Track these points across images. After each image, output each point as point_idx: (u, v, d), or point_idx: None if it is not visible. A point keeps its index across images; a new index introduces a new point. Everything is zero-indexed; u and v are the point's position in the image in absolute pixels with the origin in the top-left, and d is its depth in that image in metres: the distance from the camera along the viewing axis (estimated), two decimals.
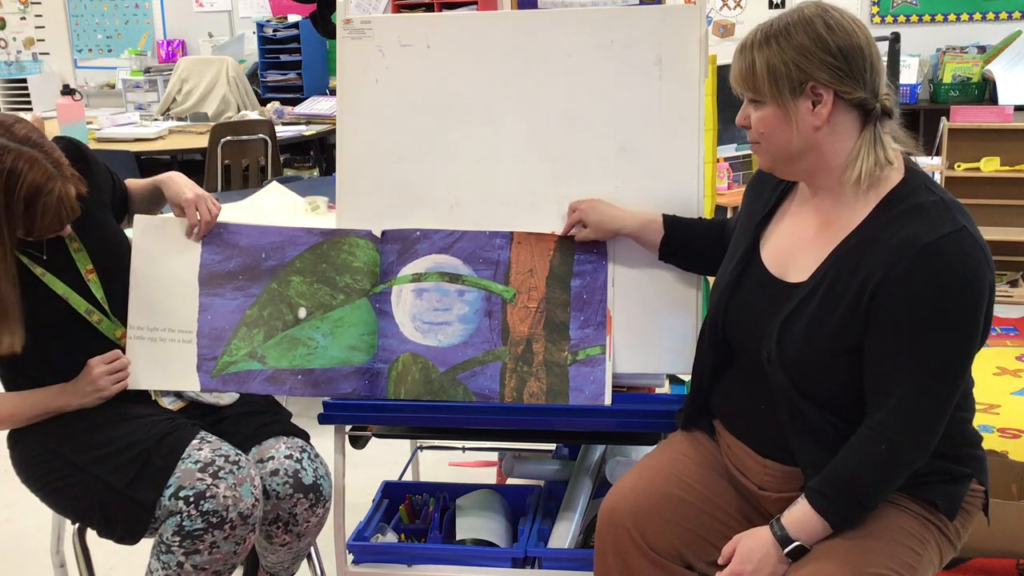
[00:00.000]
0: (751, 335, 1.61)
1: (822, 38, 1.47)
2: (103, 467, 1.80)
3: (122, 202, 2.11)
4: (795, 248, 1.61)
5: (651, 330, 1.99)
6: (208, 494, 1.73)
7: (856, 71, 1.48)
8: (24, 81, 8.78)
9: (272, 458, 1.91)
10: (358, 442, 2.14)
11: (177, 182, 2.05)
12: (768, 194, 1.71)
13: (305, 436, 2.03)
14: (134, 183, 2.15)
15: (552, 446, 2.51)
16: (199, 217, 1.99)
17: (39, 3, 9.14)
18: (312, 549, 2.13)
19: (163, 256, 2.00)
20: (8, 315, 1.77)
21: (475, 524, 2.16)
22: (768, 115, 1.53)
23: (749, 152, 4.09)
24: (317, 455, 2.00)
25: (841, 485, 1.50)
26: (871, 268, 1.46)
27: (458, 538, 2.14)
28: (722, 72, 2.30)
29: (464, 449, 2.61)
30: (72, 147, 1.93)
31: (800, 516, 1.52)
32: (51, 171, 1.74)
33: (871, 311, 1.46)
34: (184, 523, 1.73)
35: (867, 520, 1.52)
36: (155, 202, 2.12)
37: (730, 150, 4.04)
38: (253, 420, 2.00)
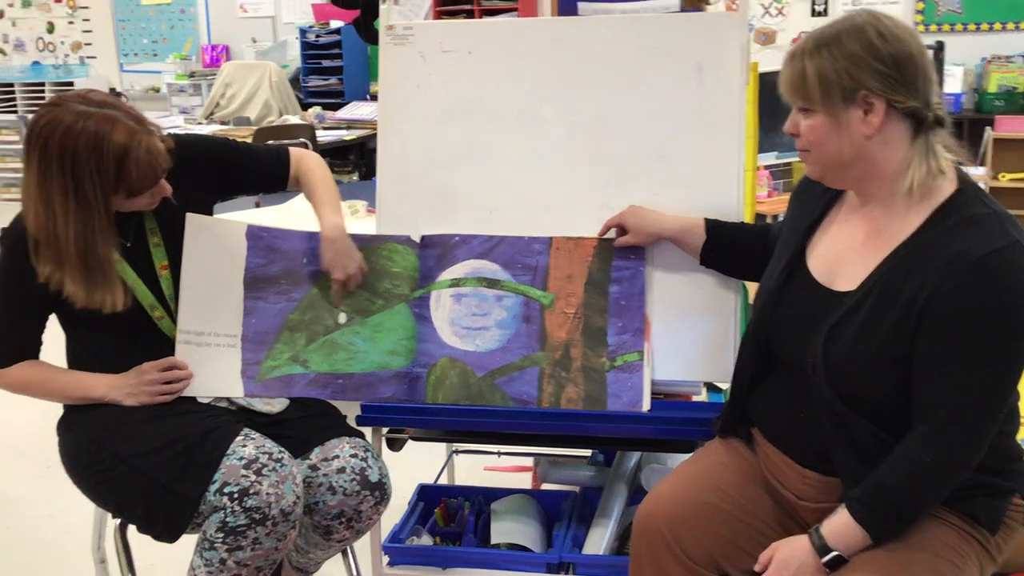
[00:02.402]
0: (795, 343, 1.60)
1: (874, 46, 1.46)
2: (147, 461, 1.82)
3: (276, 179, 2.12)
4: (843, 257, 1.59)
5: (689, 337, 1.98)
6: (251, 491, 1.75)
7: (908, 80, 1.46)
8: (71, 84, 8.91)
9: (337, 457, 1.92)
10: (395, 444, 2.15)
11: (339, 247, 2.03)
12: (815, 202, 1.70)
13: (363, 436, 2.04)
14: (311, 181, 2.12)
15: (587, 452, 2.51)
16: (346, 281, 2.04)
17: (87, 8, 9.30)
18: (348, 549, 2.14)
19: (211, 257, 2.01)
20: (108, 276, 1.85)
21: (510, 529, 2.16)
22: (818, 123, 1.51)
23: (789, 160, 4.06)
24: (378, 455, 2.00)
25: (883, 496, 1.48)
26: (923, 279, 1.44)
27: (493, 542, 2.14)
28: (763, 80, 2.29)
29: (499, 454, 2.61)
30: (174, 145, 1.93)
31: (840, 526, 1.50)
32: (134, 127, 1.79)
33: (921, 323, 1.44)
34: (228, 519, 1.75)
35: (907, 532, 1.50)
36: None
37: (770, 158, 4.02)
38: (312, 423, 2.00)
